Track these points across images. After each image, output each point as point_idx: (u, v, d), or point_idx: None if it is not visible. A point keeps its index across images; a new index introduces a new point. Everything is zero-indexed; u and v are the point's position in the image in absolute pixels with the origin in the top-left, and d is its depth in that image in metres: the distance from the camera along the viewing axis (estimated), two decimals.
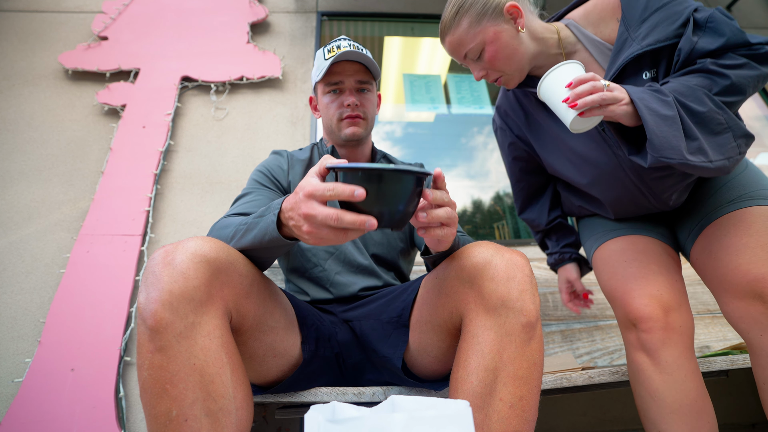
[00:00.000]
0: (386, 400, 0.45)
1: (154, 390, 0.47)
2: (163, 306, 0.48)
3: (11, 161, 1.73)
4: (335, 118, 0.91)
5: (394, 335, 0.74)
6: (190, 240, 0.54)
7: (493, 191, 2.16)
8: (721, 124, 0.65)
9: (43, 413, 1.22)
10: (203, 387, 0.47)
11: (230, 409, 0.49)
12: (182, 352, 0.47)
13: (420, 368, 0.73)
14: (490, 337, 0.56)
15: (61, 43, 2.07)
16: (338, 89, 0.91)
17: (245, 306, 0.58)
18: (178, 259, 0.51)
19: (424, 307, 0.69)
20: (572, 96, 0.62)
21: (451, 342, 0.66)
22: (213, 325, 0.51)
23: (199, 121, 1.92)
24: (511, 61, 0.76)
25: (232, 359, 0.52)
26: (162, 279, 0.49)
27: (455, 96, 2.37)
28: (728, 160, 0.65)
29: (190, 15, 2.20)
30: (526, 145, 0.97)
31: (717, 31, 0.66)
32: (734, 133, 0.66)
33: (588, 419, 1.41)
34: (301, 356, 0.71)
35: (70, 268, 1.47)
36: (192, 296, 0.49)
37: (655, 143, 0.62)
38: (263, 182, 0.89)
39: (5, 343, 1.37)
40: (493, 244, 0.62)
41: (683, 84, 0.65)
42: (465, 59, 0.79)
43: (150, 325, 0.47)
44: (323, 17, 2.35)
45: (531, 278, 0.59)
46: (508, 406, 0.53)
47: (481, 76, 0.80)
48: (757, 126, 2.42)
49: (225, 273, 0.54)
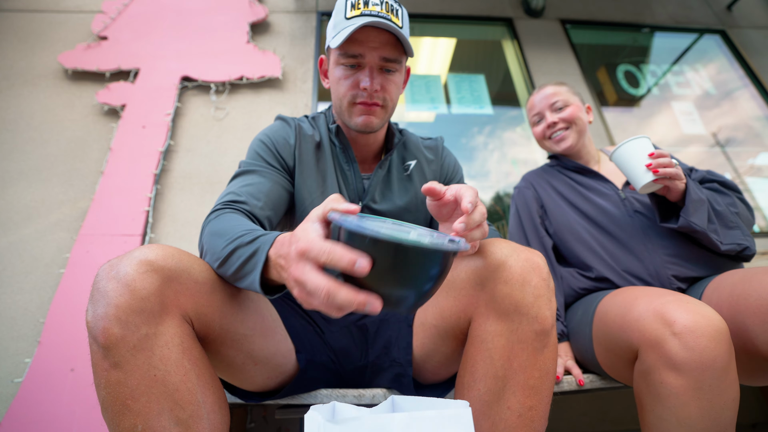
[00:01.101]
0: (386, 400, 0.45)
1: (114, 407, 0.45)
2: (110, 321, 0.45)
3: (11, 161, 1.73)
4: (346, 100, 0.74)
5: (403, 335, 0.71)
6: (136, 249, 0.51)
7: (493, 191, 2.16)
8: (732, 221, 0.85)
9: (43, 413, 1.22)
10: (168, 396, 0.46)
11: (201, 414, 0.48)
12: (140, 366, 0.45)
13: (422, 373, 0.71)
14: (500, 343, 0.53)
15: (60, 43, 2.07)
16: (356, 63, 0.71)
17: (207, 315, 0.54)
18: (123, 270, 0.48)
19: (431, 309, 0.66)
20: (655, 163, 0.79)
21: (457, 347, 0.64)
22: (171, 334, 0.48)
23: (199, 121, 1.92)
24: (579, 123, 1.04)
25: (196, 365, 0.50)
26: (108, 294, 0.46)
27: (455, 96, 2.37)
28: (739, 246, 0.83)
29: (190, 15, 2.20)
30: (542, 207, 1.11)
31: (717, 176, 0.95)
32: (743, 230, 0.85)
33: (588, 419, 1.41)
34: (297, 365, 0.69)
35: (69, 268, 1.47)
36: (141, 308, 0.46)
37: (690, 210, 0.81)
38: (267, 158, 0.77)
39: (5, 343, 1.37)
40: (510, 243, 0.58)
41: (705, 190, 0.88)
42: (551, 106, 1.06)
43: (102, 343, 0.45)
44: (323, 17, 2.35)
45: (548, 282, 0.55)
46: (517, 415, 0.51)
47: (551, 124, 1.05)
48: (757, 126, 2.42)
49: (177, 281, 0.51)
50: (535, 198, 1.10)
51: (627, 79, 2.51)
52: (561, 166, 1.11)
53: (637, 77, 2.54)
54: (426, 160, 0.89)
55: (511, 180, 2.18)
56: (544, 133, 1.08)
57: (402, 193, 0.84)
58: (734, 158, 2.33)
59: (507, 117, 2.34)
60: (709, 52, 2.67)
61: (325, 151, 0.81)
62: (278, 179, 0.76)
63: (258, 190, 0.70)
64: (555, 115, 1.05)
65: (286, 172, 0.79)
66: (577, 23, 2.57)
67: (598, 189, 1.01)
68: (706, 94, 2.53)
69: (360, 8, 0.69)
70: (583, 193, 1.03)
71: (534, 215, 1.07)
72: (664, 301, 0.67)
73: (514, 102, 2.36)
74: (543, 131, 1.08)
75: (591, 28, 2.61)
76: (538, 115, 1.09)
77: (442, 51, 2.53)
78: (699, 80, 2.58)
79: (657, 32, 2.68)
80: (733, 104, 2.49)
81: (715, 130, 2.41)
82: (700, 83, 2.57)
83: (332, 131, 0.81)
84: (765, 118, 2.43)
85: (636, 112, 2.43)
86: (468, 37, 2.57)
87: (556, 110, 1.05)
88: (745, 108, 2.47)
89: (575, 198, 1.03)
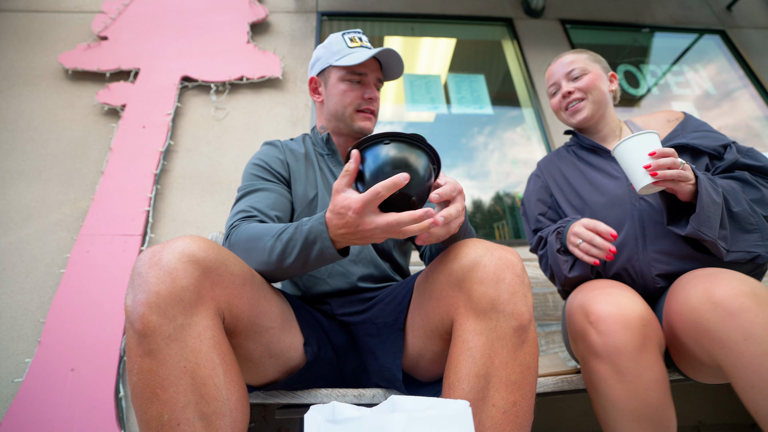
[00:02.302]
0: (386, 400, 0.45)
1: (144, 395, 0.45)
2: (150, 309, 0.46)
3: (11, 161, 1.73)
4: (351, 108, 0.89)
5: (391, 340, 0.72)
6: (178, 239, 0.52)
7: (493, 191, 2.16)
8: (752, 224, 0.75)
9: (43, 413, 1.22)
10: (195, 390, 0.46)
11: (224, 411, 0.48)
12: (172, 355, 0.46)
13: (417, 371, 0.72)
14: (480, 341, 0.54)
15: (61, 43, 2.07)
16: (359, 80, 0.89)
17: (238, 306, 0.56)
18: (166, 258, 0.49)
19: (416, 312, 0.68)
20: (654, 165, 0.70)
21: (445, 346, 0.65)
22: (203, 326, 0.49)
23: (199, 121, 1.92)
24: (595, 93, 0.96)
25: (224, 360, 0.50)
26: (149, 280, 0.48)
27: (455, 96, 2.37)
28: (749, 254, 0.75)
29: (190, 15, 2.20)
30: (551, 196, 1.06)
31: (756, 158, 0.83)
32: (763, 234, 0.75)
33: (588, 419, 1.41)
34: (304, 358, 0.70)
35: (70, 268, 1.47)
36: (180, 297, 0.48)
37: (701, 219, 0.72)
38: (264, 176, 0.84)
39: (5, 343, 1.37)
40: (483, 242, 0.60)
41: (727, 183, 0.78)
42: (568, 75, 0.98)
43: (138, 329, 0.46)
44: (323, 17, 2.35)
45: (522, 278, 0.57)
46: (502, 412, 0.52)
47: (568, 92, 0.97)
48: (757, 126, 2.42)
49: (215, 273, 0.53)
50: (543, 187, 1.05)
51: (627, 79, 2.51)
52: (577, 145, 1.03)
53: (637, 77, 2.54)
54: None
55: (511, 180, 2.18)
56: (560, 104, 1.00)
57: None
58: None
59: (507, 117, 2.34)
60: (708, 53, 2.67)
61: (312, 160, 0.92)
62: (279, 190, 0.83)
63: (265, 204, 0.77)
64: (571, 84, 0.97)
65: (284, 182, 0.87)
66: (577, 23, 2.57)
67: (608, 171, 0.93)
68: (706, 94, 2.53)
69: (358, 42, 0.90)
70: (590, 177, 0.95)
71: (532, 207, 1.04)
72: (591, 295, 0.73)
73: (514, 102, 2.36)
74: (559, 102, 1.00)
75: (591, 28, 2.61)
76: (555, 86, 1.01)
77: (442, 51, 2.53)
78: (699, 80, 2.58)
79: (657, 32, 2.68)
80: (732, 104, 2.49)
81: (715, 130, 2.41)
82: (700, 83, 2.57)
83: (323, 139, 0.93)
84: (765, 118, 2.43)
85: (636, 112, 2.43)
86: (468, 37, 2.57)
87: (572, 79, 0.97)
88: (744, 108, 2.47)
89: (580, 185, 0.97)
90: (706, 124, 0.91)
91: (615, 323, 0.66)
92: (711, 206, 0.72)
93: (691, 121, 0.92)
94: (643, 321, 0.67)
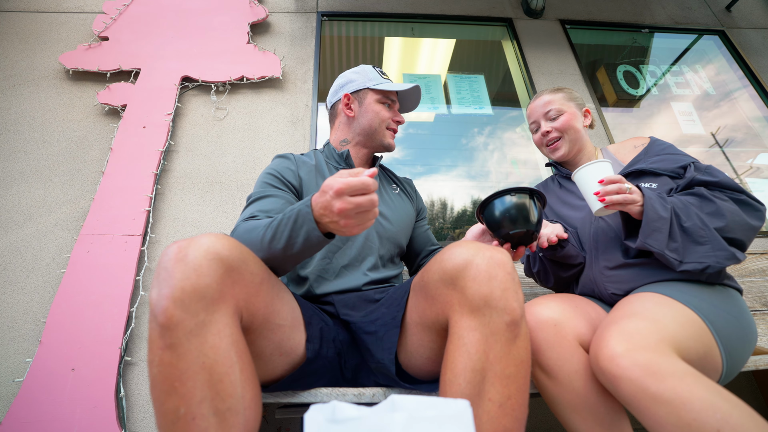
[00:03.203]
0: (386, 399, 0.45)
1: (163, 387, 0.46)
2: (174, 303, 0.47)
3: (12, 161, 1.73)
4: (385, 125, 1.03)
5: (387, 337, 0.74)
6: (203, 236, 0.54)
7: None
8: (703, 237, 0.80)
9: (44, 413, 1.22)
10: (212, 386, 0.47)
11: (238, 409, 0.49)
12: (192, 350, 0.47)
13: (414, 369, 0.74)
14: (475, 337, 0.56)
15: (61, 43, 2.07)
16: (390, 105, 1.05)
17: (255, 304, 0.58)
18: (191, 255, 0.50)
19: (413, 310, 0.70)
20: (602, 192, 0.79)
21: (442, 343, 0.66)
22: (223, 323, 0.50)
23: (199, 121, 1.92)
24: (570, 132, 1.05)
25: (241, 358, 0.51)
26: (174, 275, 0.49)
27: (455, 96, 2.37)
28: (700, 264, 0.78)
29: (190, 15, 2.20)
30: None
31: (712, 174, 0.90)
32: (713, 246, 0.79)
33: None
34: (305, 355, 0.71)
35: (70, 268, 1.47)
36: (204, 294, 0.49)
37: (646, 232, 0.80)
38: (276, 184, 0.89)
39: (6, 342, 1.37)
40: (474, 243, 0.63)
41: (681, 200, 0.85)
42: (545, 115, 1.08)
43: (161, 322, 0.47)
44: (323, 17, 2.35)
45: (513, 275, 0.59)
46: (497, 405, 0.53)
47: (547, 132, 1.07)
48: (757, 126, 2.42)
49: (237, 271, 0.54)
50: None
51: (626, 80, 2.51)
52: (558, 174, 1.15)
53: (636, 77, 2.54)
54: (406, 192, 1.14)
55: (511, 180, 2.18)
56: (540, 141, 1.11)
57: (396, 202, 1.06)
58: (734, 159, 2.33)
59: (507, 117, 2.35)
60: (708, 53, 2.67)
61: (324, 172, 0.98)
62: (288, 197, 0.87)
63: (270, 207, 0.80)
64: (549, 124, 1.07)
65: (295, 192, 0.91)
66: (577, 23, 2.58)
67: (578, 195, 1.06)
68: (706, 94, 2.53)
69: (386, 76, 1.08)
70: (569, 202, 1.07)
71: None
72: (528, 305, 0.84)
73: (514, 102, 2.36)
74: (540, 139, 1.10)
75: (591, 28, 2.61)
76: (535, 123, 1.12)
77: (442, 51, 2.53)
78: (698, 81, 2.58)
79: (656, 33, 2.68)
80: (732, 105, 2.49)
81: (715, 130, 2.41)
82: (699, 84, 2.57)
83: (342, 155, 1.02)
84: (764, 118, 2.43)
85: (635, 113, 2.43)
86: (468, 37, 2.58)
87: (550, 119, 1.07)
88: (744, 108, 2.47)
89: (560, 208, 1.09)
90: (671, 147, 0.99)
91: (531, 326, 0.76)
92: (657, 221, 0.80)
93: (655, 146, 1.00)
94: (554, 321, 0.75)
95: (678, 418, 0.55)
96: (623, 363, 0.61)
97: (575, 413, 0.70)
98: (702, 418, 0.53)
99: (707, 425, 0.53)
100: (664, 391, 0.56)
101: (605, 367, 0.63)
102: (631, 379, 0.59)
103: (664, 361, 0.59)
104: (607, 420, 0.69)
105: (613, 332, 0.67)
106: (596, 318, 0.84)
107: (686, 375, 0.57)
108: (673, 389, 0.56)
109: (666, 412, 0.55)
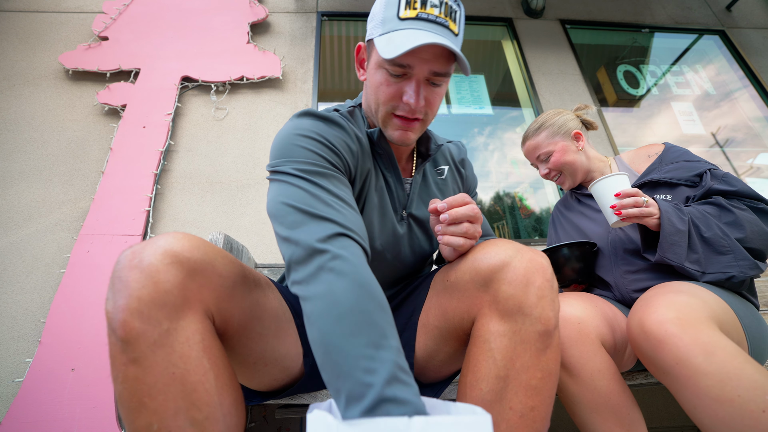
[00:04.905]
0: None
1: (131, 404, 0.43)
2: (132, 314, 0.43)
3: (12, 161, 1.73)
4: (384, 109, 0.65)
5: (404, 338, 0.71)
6: (160, 237, 0.49)
7: (493, 191, 2.16)
8: (724, 246, 0.80)
9: (44, 413, 1.22)
10: (185, 396, 0.44)
11: (217, 417, 0.46)
12: (159, 362, 0.43)
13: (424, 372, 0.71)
14: (503, 343, 0.53)
15: (61, 43, 2.07)
16: (403, 73, 0.61)
17: (228, 310, 0.53)
18: (147, 260, 0.46)
19: (433, 311, 0.66)
20: (619, 205, 0.80)
21: (459, 347, 0.64)
22: (192, 329, 0.46)
23: (199, 121, 1.92)
24: (566, 166, 1.04)
25: (215, 364, 0.48)
26: (129, 284, 0.44)
27: (455, 96, 2.37)
28: (723, 274, 0.79)
29: (190, 15, 2.20)
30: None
31: (730, 183, 0.88)
32: (736, 255, 0.80)
33: None
34: (303, 369, 0.68)
35: (70, 268, 1.47)
36: (164, 301, 0.44)
37: (664, 246, 0.80)
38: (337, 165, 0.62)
39: (6, 342, 1.37)
40: (513, 243, 0.58)
41: (699, 210, 0.84)
42: (537, 159, 1.08)
43: (121, 336, 0.43)
44: (323, 17, 2.35)
45: (552, 282, 0.55)
46: (519, 415, 0.51)
47: (545, 174, 1.07)
48: (757, 126, 2.42)
49: (201, 274, 0.49)
50: (553, 227, 1.19)
51: (627, 80, 2.51)
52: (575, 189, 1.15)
53: (636, 77, 2.54)
54: (456, 170, 0.87)
55: (511, 180, 2.18)
56: (546, 177, 1.12)
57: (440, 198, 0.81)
58: (734, 159, 2.33)
59: (507, 117, 2.34)
60: (708, 53, 2.67)
61: (367, 155, 0.70)
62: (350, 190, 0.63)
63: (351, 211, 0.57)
64: (544, 166, 1.08)
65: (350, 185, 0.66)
66: (577, 23, 2.58)
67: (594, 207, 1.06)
68: (706, 94, 2.53)
69: (416, 8, 0.58)
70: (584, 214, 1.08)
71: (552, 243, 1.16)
72: None
73: (515, 102, 2.36)
74: (544, 176, 1.12)
75: (591, 28, 2.61)
76: (533, 164, 1.13)
77: None
78: (698, 80, 2.58)
79: (657, 33, 2.68)
80: (732, 105, 2.49)
81: (715, 130, 2.41)
82: (699, 83, 2.57)
83: (374, 135, 0.70)
84: (764, 118, 2.43)
85: (636, 113, 2.43)
86: (468, 37, 2.57)
87: (542, 161, 1.08)
88: (744, 108, 2.47)
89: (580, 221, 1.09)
90: (686, 153, 0.97)
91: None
92: (674, 235, 0.80)
93: (669, 153, 0.98)
94: (577, 319, 0.75)
95: (721, 392, 0.55)
96: (672, 329, 0.61)
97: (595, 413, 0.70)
98: (748, 395, 0.53)
99: (752, 403, 0.53)
100: (710, 364, 0.56)
101: (652, 330, 0.63)
102: (678, 347, 0.59)
103: (714, 335, 0.59)
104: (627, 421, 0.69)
105: (662, 301, 0.67)
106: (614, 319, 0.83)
107: (737, 353, 0.58)
108: (723, 363, 0.56)
109: (709, 384, 0.55)
